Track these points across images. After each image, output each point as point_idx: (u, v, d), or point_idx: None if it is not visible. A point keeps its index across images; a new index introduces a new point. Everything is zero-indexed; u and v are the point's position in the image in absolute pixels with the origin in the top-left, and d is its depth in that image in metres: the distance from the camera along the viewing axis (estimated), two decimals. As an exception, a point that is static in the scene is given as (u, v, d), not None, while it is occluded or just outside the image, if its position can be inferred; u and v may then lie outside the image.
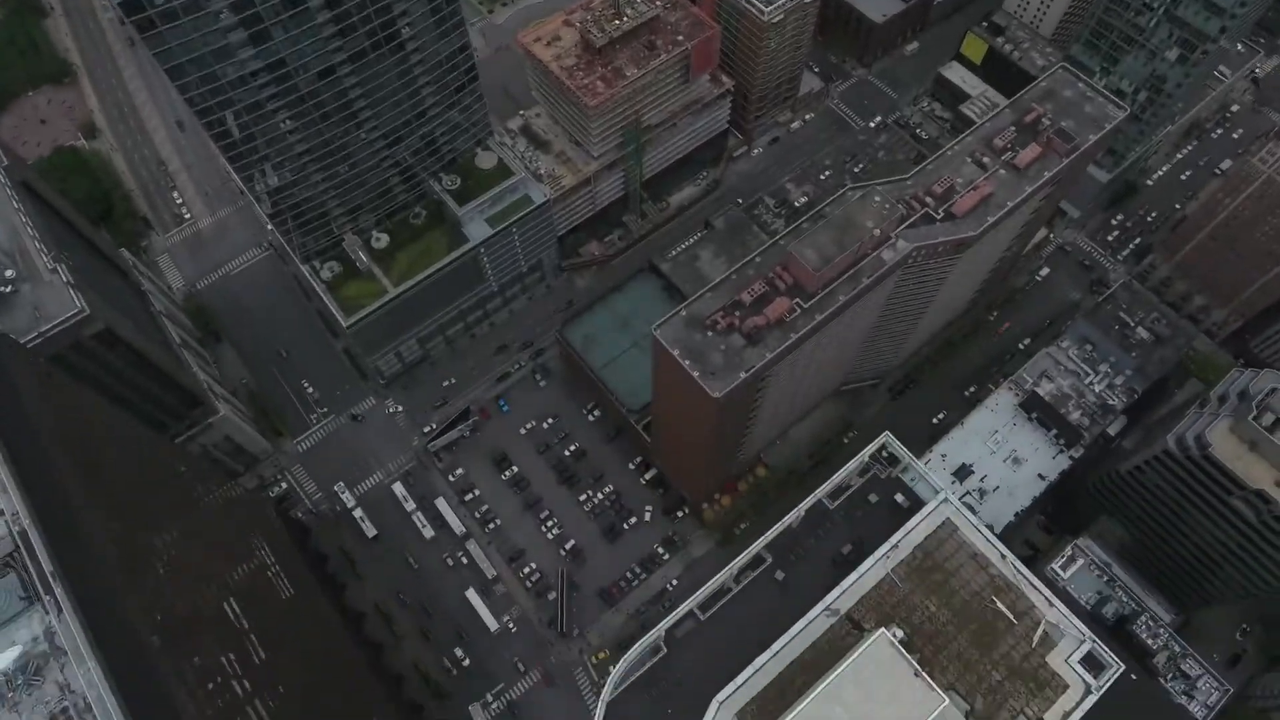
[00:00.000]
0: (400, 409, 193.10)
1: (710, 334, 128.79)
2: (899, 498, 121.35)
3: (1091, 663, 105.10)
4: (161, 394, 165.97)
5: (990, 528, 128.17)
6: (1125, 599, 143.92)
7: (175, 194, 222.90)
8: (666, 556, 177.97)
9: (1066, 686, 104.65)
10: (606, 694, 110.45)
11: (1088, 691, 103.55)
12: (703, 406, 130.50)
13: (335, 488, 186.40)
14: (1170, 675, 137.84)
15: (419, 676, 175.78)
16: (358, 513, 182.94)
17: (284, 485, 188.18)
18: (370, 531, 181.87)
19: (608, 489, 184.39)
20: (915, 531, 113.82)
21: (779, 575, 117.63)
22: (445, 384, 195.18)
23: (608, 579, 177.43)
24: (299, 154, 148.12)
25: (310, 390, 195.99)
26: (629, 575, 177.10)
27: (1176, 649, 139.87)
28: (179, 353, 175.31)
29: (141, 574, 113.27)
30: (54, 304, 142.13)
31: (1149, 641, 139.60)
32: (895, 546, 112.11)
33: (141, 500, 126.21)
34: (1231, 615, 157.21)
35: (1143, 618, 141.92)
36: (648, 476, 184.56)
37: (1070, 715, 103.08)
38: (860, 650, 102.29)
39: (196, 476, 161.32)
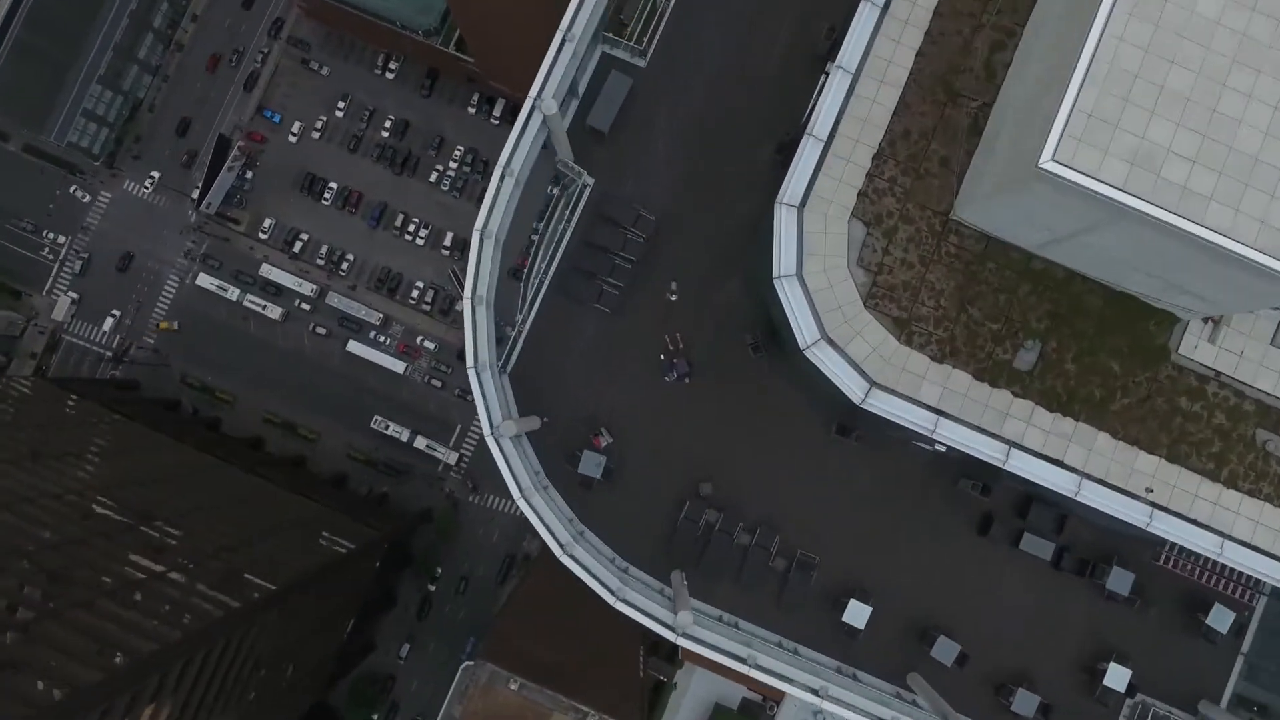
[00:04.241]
0: (148, 186, 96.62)
1: None
2: None
3: None
4: None
5: None
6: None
7: None
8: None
9: None
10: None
11: None
12: None
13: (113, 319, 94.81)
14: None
15: (360, 464, 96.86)
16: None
17: (56, 343, 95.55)
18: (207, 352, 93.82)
19: (458, 151, 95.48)
20: None
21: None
22: (181, 118, 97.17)
23: (511, 254, 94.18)
24: None
25: (22, 224, 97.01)
26: (533, 237, 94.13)
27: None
28: None
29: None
30: None
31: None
32: None
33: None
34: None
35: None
36: (497, 112, 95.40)
37: None
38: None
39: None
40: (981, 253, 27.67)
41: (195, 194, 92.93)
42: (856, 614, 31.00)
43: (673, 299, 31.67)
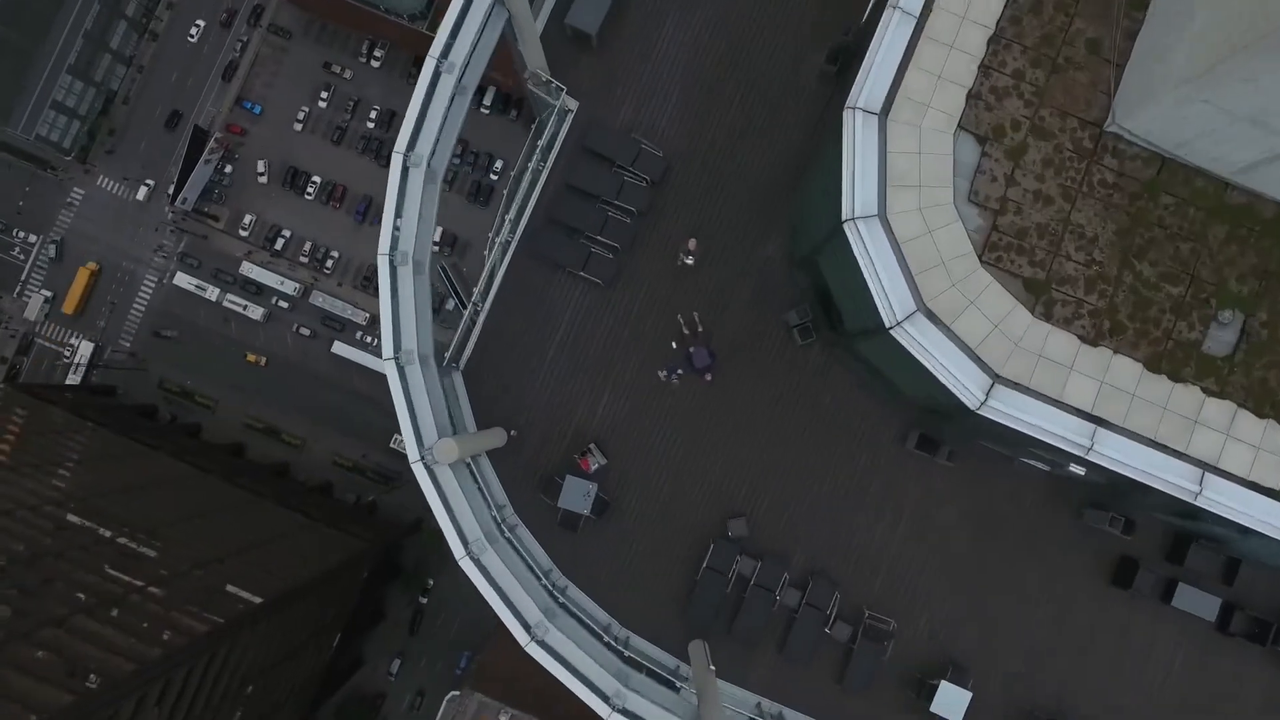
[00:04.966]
0: (123, 182, 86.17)
1: None
2: None
3: None
4: None
5: None
6: None
7: None
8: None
9: None
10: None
11: None
12: None
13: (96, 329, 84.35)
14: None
15: (347, 471, 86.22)
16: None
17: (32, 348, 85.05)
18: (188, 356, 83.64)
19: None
20: None
21: None
22: (156, 113, 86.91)
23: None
24: None
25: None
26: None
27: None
28: None
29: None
30: None
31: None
32: None
33: None
34: None
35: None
36: (487, 101, 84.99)
37: None
38: None
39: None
40: (1153, 181, 17.34)
41: (171, 189, 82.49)
42: (950, 701, 20.49)
43: (688, 263, 21.22)
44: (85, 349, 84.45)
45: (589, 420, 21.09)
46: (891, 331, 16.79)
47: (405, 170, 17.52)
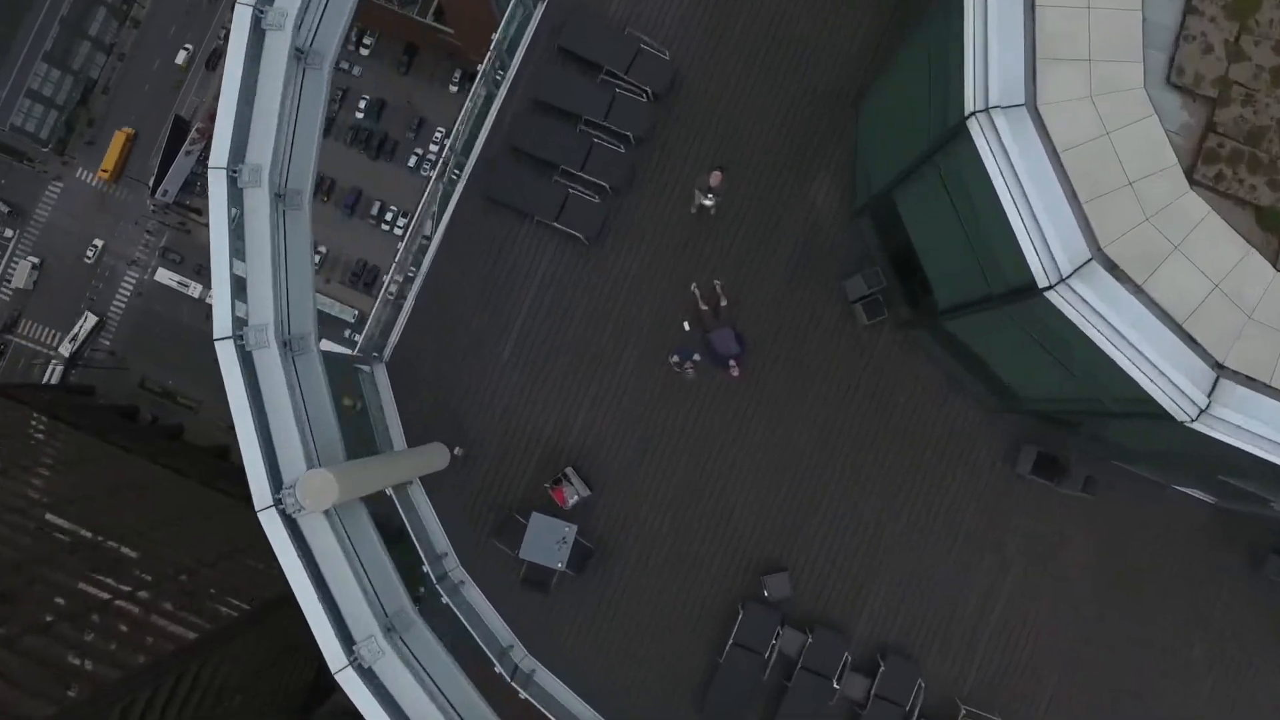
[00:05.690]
0: (102, 175, 79.11)
1: None
2: None
3: None
4: None
5: None
6: None
7: None
8: (558, 176, 76.85)
9: None
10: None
11: None
12: None
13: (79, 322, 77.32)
14: None
15: (341, 480, 79.08)
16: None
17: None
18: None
19: (439, 133, 78.36)
20: None
21: None
22: (135, 103, 79.81)
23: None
24: None
25: (-34, 215, 79.58)
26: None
27: None
28: None
29: None
30: None
31: None
32: None
33: None
34: None
35: None
36: (480, 90, 78.35)
37: None
38: None
39: None
40: None
41: (151, 181, 75.55)
42: (1088, 841, 13.39)
43: (707, 206, 14.12)
44: (86, 322, 76.73)
45: (564, 433, 13.99)
46: (1048, 294, 9.71)
47: (257, 29, 10.47)
